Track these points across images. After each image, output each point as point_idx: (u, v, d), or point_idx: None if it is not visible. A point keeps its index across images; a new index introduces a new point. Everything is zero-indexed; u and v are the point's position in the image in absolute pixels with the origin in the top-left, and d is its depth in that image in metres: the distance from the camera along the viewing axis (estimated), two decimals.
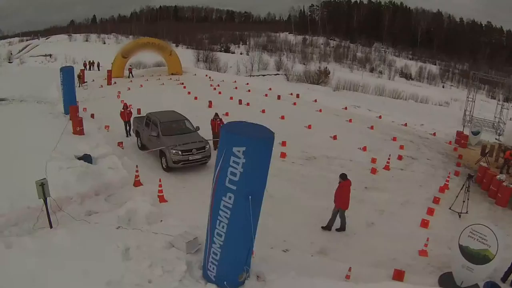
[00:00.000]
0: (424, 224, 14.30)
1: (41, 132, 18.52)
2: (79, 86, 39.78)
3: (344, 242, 12.69)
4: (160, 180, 14.90)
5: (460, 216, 15.32)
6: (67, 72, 25.88)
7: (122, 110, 21.47)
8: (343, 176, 13.40)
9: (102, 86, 41.33)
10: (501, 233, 10.07)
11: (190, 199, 14.73)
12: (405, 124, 32.12)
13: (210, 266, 8.75)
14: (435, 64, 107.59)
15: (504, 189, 17.54)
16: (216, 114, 20.97)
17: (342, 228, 13.49)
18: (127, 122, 21.46)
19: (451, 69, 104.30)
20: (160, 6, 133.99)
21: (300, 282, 8.95)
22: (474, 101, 34.08)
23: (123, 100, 27.91)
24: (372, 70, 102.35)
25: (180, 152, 17.03)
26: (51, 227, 10.75)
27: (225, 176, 7.94)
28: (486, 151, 23.82)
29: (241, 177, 7.78)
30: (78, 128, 20.25)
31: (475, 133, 28.69)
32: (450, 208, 15.79)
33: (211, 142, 19.34)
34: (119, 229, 10.73)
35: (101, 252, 9.36)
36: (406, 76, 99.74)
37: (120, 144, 20.25)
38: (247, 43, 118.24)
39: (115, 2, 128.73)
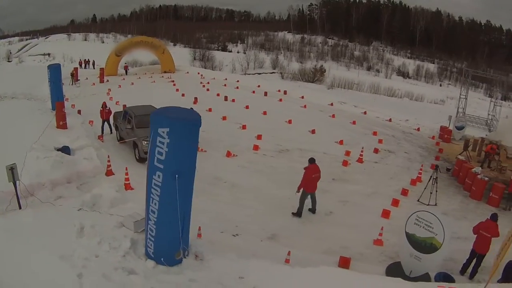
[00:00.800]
0: (386, 214, 14.31)
1: (26, 127, 18.98)
2: (72, 84, 40.33)
3: (297, 230, 12.89)
4: (126, 169, 15.25)
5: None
6: (54, 70, 26.18)
7: (101, 109, 21.60)
8: (311, 160, 14.01)
9: (94, 84, 41.80)
10: (448, 220, 9.98)
11: None
12: (390, 120, 32.52)
13: (149, 243, 9.09)
14: (433, 63, 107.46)
15: (478, 182, 17.62)
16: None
17: (298, 214, 13.89)
18: (105, 121, 21.61)
19: (449, 67, 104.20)
20: (160, 5, 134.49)
21: (236, 263, 9.18)
22: (467, 98, 34.33)
23: (112, 97, 28.75)
24: (369, 68, 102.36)
25: None
26: (20, 208, 11.41)
27: (154, 156, 8.37)
28: (468, 145, 23.87)
29: (167, 156, 8.24)
30: (61, 123, 20.62)
31: (459, 128, 28.73)
32: (418, 200, 15.91)
33: None
34: (80, 211, 11.31)
35: (59, 230, 9.92)
36: (404, 74, 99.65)
37: (100, 137, 20.76)
38: (245, 42, 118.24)
39: (116, 2, 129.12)
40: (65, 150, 16.32)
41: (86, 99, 31.34)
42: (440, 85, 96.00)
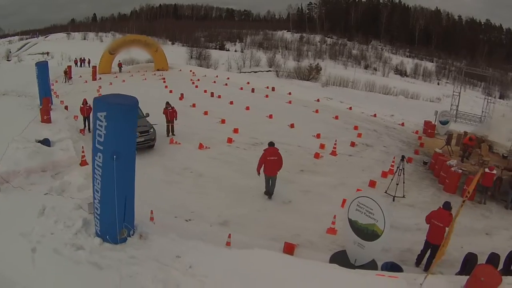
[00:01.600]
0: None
1: (13, 121, 19.80)
2: (65, 81, 40.89)
3: (252, 217, 13.18)
4: (84, 152, 16.16)
5: (393, 200, 15.54)
6: (41, 67, 26.96)
7: (82, 106, 21.97)
8: (270, 144, 14.67)
9: (86, 82, 42.59)
10: (387, 206, 9.83)
11: None
12: (375, 115, 32.69)
13: (96, 222, 9.65)
14: (432, 62, 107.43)
15: (452, 175, 17.47)
16: (168, 103, 21.96)
17: (266, 193, 14.64)
18: (86, 118, 21.95)
19: (448, 66, 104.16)
20: (160, 5, 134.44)
21: (176, 243, 9.61)
22: (460, 95, 34.51)
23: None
24: (367, 67, 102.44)
25: None
26: None
27: (95, 138, 8.96)
28: (448, 140, 23.99)
29: (105, 138, 8.82)
30: (45, 117, 21.61)
31: (444, 123, 28.73)
32: (386, 192, 15.89)
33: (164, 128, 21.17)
34: (46, 195, 12.07)
35: (24, 211, 10.74)
36: (401, 73, 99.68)
37: (82, 131, 21.61)
38: (244, 41, 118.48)
39: (118, 1, 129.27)
40: (45, 142, 17.12)
41: (76, 96, 31.60)
42: (438, 84, 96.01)
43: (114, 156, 8.83)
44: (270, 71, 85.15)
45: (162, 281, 8.35)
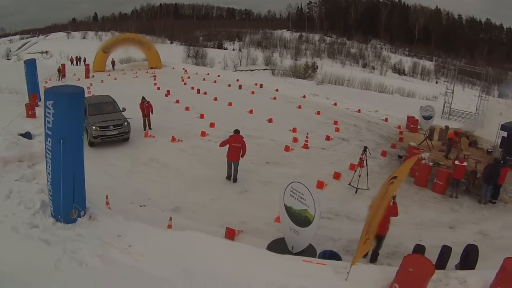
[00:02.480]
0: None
1: (0, 117, 20.41)
2: (59, 79, 41.60)
3: (204, 205, 13.75)
4: None
5: (356, 192, 15.73)
6: (29, 65, 27.86)
7: None
8: (235, 131, 15.78)
9: (79, 79, 43.17)
10: (316, 192, 9.83)
11: (93, 165, 16.13)
12: (359, 111, 33.09)
13: (50, 202, 10.35)
14: (431, 61, 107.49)
15: (422, 168, 17.37)
16: (143, 98, 22.51)
17: (227, 177, 15.58)
18: None
19: (447, 65, 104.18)
20: (161, 4, 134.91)
21: (120, 224, 10.23)
22: (453, 93, 34.77)
23: (90, 91, 30.57)
24: (365, 65, 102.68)
25: (98, 128, 18.97)
26: None
27: (46, 124, 9.69)
28: (427, 134, 24.16)
29: (53, 124, 9.54)
30: (30, 112, 22.71)
31: (427, 118, 28.52)
32: (349, 184, 16.08)
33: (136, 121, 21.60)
34: (16, 181, 12.64)
35: None
36: (399, 71, 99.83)
37: None
38: (243, 40, 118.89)
39: (119, 0, 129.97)
40: (27, 135, 18.19)
41: None
42: (436, 82, 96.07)
43: (61, 140, 9.49)
44: (266, 69, 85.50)
45: (100, 257, 9.01)
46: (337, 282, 8.18)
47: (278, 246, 10.28)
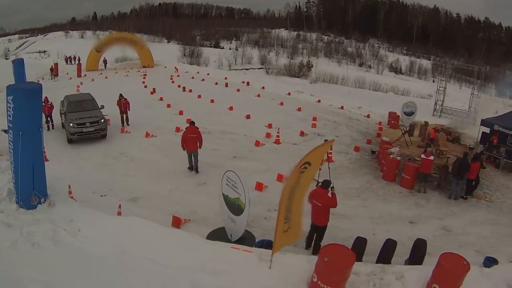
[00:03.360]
0: (259, 187, 15.01)
1: None
2: (52, 78, 42.41)
3: (161, 195, 14.45)
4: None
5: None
6: (17, 64, 28.74)
7: (43, 104, 21.76)
8: (190, 123, 16.90)
9: (71, 78, 44.07)
10: (246, 181, 9.88)
11: (66, 158, 17.82)
12: (342, 107, 33.52)
13: (14, 190, 11.20)
14: (429, 60, 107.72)
15: (389, 162, 17.44)
16: (121, 95, 23.41)
17: (189, 168, 16.61)
18: (48, 116, 22.16)
19: (445, 64, 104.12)
20: (160, 3, 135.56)
21: (74, 210, 11.16)
22: (445, 91, 35.19)
23: (78, 89, 32.01)
24: (361, 64, 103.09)
25: (76, 125, 19.78)
26: None
27: (8, 118, 10.54)
28: (406, 129, 24.48)
29: (13, 118, 10.43)
30: None
31: (408, 114, 27.95)
32: (313, 178, 16.75)
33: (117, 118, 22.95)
34: None
35: None
36: (396, 70, 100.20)
37: (47, 123, 22.48)
38: (240, 39, 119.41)
39: (119, 0, 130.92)
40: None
41: (56, 92, 32.76)
42: (433, 81, 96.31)
43: (20, 132, 10.33)
44: (262, 68, 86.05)
45: (51, 239, 9.94)
46: (260, 269, 8.58)
47: (218, 234, 10.68)
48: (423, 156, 16.69)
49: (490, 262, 9.90)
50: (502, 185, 18.37)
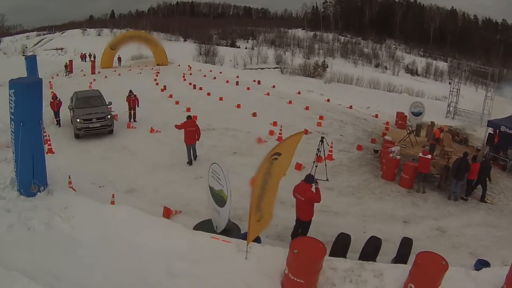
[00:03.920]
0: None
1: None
2: (66, 75, 43.20)
3: (157, 188, 14.90)
4: (49, 136, 18.70)
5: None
6: (30, 60, 29.61)
7: (52, 101, 22.57)
8: (187, 117, 17.51)
9: (85, 75, 44.93)
10: (227, 173, 10.03)
11: (70, 152, 18.42)
12: (350, 107, 33.63)
13: (15, 178, 11.88)
14: (446, 61, 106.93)
15: (388, 161, 17.25)
16: (131, 91, 23.89)
17: (188, 162, 17.12)
18: (56, 113, 22.61)
19: (461, 66, 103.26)
20: (177, 2, 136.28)
21: (70, 198, 11.76)
22: (458, 92, 35.10)
23: (91, 86, 32.78)
24: (377, 65, 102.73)
25: (82, 120, 20.28)
26: None
27: (10, 110, 11.22)
28: (412, 130, 24.66)
29: (15, 110, 11.11)
30: None
31: (416, 114, 28.29)
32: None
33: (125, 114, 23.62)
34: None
35: None
36: (412, 72, 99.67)
37: (56, 118, 23.15)
38: (256, 38, 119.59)
39: None
40: None
41: (69, 88, 33.51)
42: (449, 83, 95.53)
43: (21, 124, 10.99)
44: (277, 68, 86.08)
45: (46, 224, 10.56)
46: (236, 259, 8.80)
47: (205, 226, 10.84)
48: (420, 155, 16.55)
49: (481, 264, 9.81)
50: (507, 187, 18.14)
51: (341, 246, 10.02)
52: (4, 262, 8.67)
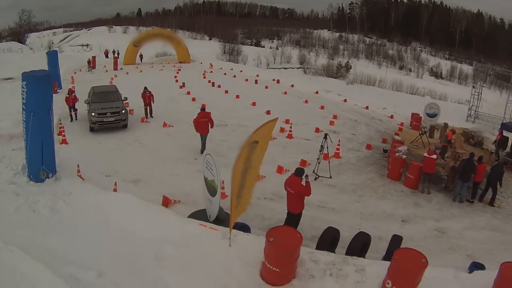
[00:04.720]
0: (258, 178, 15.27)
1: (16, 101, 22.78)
2: (89, 70, 44.22)
3: (161, 179, 15.28)
4: (63, 128, 19.60)
5: (316, 179, 15.98)
6: (51, 56, 30.60)
7: (67, 95, 22.71)
8: (202, 109, 18.20)
9: (107, 71, 45.57)
10: (217, 162, 10.25)
11: (83, 144, 19.20)
12: (366, 107, 33.33)
13: (25, 164, 12.82)
14: (471, 65, 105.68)
15: (394, 161, 17.08)
16: (145, 88, 24.33)
17: (201, 150, 17.69)
18: (71, 107, 22.80)
19: (486, 70, 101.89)
20: (204, 1, 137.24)
21: (75, 185, 12.61)
22: (480, 96, 34.92)
23: (111, 82, 33.21)
24: (402, 67, 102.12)
25: (97, 114, 20.90)
26: None
27: (22, 100, 12.13)
28: (425, 131, 24.57)
29: (26, 100, 12.03)
30: None
31: (431, 115, 28.48)
32: (313, 172, 16.22)
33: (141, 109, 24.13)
34: (13, 151, 15.15)
35: None
36: (436, 74, 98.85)
37: (74, 111, 23.62)
38: (281, 38, 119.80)
39: None
40: None
41: (90, 83, 34.15)
42: (473, 87, 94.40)
43: (32, 113, 11.89)
44: (300, 68, 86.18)
45: (50, 207, 11.39)
46: (220, 246, 9.20)
47: (199, 215, 11.29)
48: (425, 154, 16.22)
49: (475, 267, 9.66)
50: None
51: (327, 239, 10.20)
52: (6, 238, 9.43)
